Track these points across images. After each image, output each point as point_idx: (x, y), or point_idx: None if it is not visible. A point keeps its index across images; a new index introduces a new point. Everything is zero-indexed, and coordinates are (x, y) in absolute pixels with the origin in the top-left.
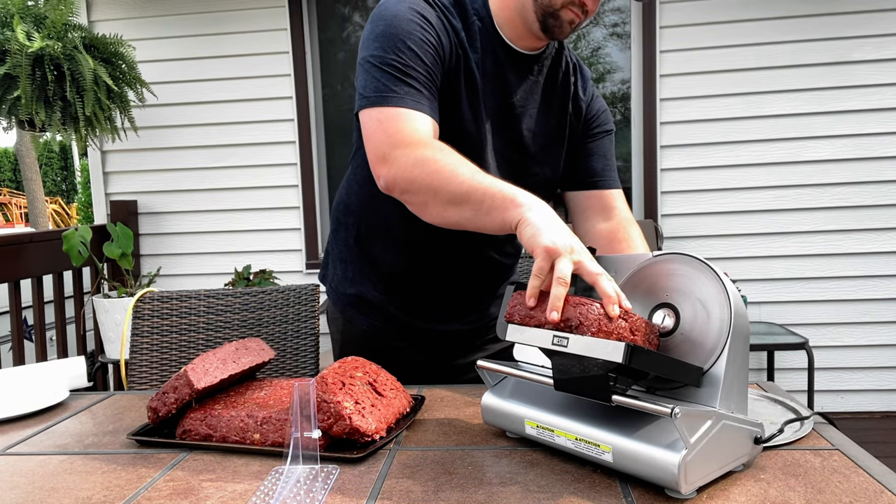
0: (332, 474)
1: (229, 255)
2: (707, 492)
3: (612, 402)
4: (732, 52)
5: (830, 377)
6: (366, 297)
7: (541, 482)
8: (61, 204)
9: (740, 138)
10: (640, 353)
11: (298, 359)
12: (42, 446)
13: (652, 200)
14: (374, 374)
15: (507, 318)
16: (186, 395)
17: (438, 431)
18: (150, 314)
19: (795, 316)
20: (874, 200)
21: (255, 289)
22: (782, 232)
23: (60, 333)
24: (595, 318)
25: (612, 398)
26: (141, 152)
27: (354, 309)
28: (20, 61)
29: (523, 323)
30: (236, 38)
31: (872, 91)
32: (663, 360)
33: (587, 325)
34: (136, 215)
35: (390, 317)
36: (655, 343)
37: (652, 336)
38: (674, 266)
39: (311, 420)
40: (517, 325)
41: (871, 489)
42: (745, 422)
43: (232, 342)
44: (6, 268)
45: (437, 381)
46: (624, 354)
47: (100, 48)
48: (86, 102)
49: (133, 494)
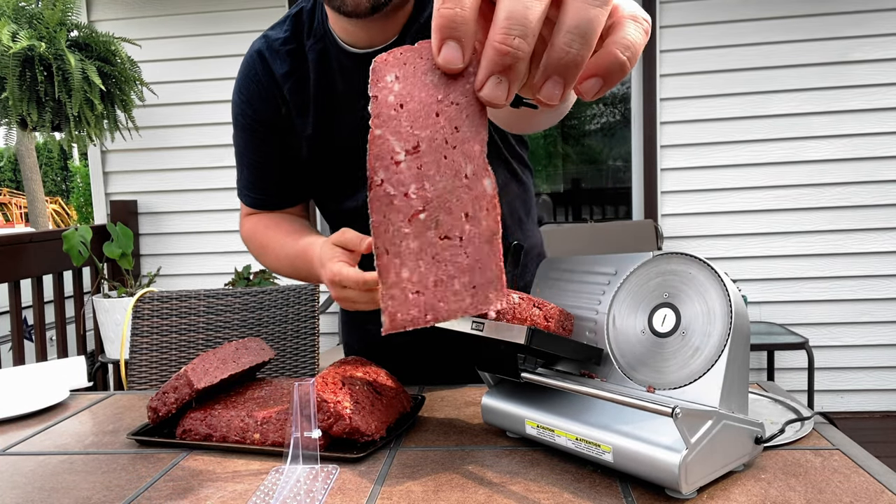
0: (332, 474)
1: (229, 255)
2: (707, 492)
3: (522, 378)
4: (732, 51)
5: (830, 377)
6: None
7: (541, 482)
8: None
9: (740, 138)
10: (541, 336)
11: (298, 359)
12: (42, 446)
13: (652, 200)
14: (374, 374)
15: None
16: (186, 395)
17: (438, 431)
18: (150, 314)
19: (795, 316)
20: (874, 200)
21: (255, 289)
22: (782, 232)
23: (60, 333)
24: (510, 306)
25: (521, 375)
26: (141, 152)
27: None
28: (6, 62)
29: None
30: (236, 38)
31: (872, 91)
32: (562, 342)
33: (503, 312)
34: (136, 215)
35: None
36: (570, 329)
37: (567, 322)
38: (674, 266)
39: (311, 420)
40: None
41: (871, 489)
42: (746, 422)
43: (232, 342)
44: (6, 268)
45: (437, 381)
46: (526, 337)
47: (94, 47)
48: (74, 102)
49: (133, 494)
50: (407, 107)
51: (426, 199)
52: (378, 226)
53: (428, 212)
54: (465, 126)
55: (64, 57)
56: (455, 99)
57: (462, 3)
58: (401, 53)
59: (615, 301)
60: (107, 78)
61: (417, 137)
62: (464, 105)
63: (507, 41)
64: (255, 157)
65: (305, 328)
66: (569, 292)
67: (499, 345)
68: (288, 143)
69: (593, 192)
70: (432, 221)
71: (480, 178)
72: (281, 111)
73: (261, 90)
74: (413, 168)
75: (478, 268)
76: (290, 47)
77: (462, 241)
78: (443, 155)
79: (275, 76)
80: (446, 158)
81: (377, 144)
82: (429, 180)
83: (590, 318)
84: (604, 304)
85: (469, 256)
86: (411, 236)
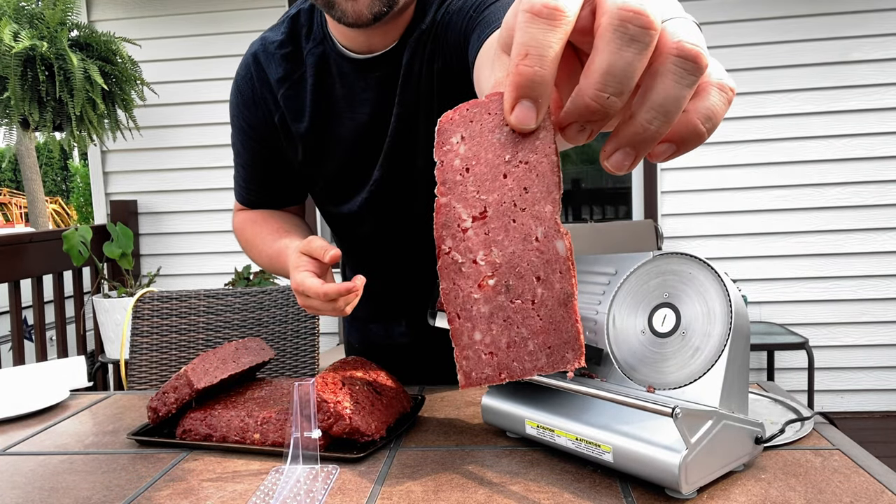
0: (332, 474)
1: (229, 255)
2: (707, 492)
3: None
4: (732, 51)
5: (830, 377)
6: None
7: (541, 482)
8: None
9: (740, 138)
10: None
11: (298, 359)
12: (42, 446)
13: (652, 200)
14: (374, 374)
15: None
16: (186, 395)
17: (438, 431)
18: (150, 314)
19: (795, 316)
20: (874, 200)
21: (255, 289)
22: (782, 232)
23: (60, 333)
24: None
25: None
26: (141, 152)
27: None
28: (8, 62)
29: None
30: (236, 38)
31: (872, 91)
32: None
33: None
34: (136, 215)
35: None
36: None
37: None
38: (674, 266)
39: (311, 420)
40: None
41: (871, 489)
42: (746, 422)
43: (232, 342)
44: (6, 268)
45: (437, 381)
46: None
47: (95, 47)
48: (76, 102)
49: (133, 494)
50: (473, 170)
51: (495, 266)
52: (448, 293)
53: (497, 277)
54: (534, 186)
55: (65, 56)
56: (524, 157)
57: (543, 61)
58: (467, 110)
59: (615, 301)
60: (108, 77)
61: (484, 203)
62: (533, 163)
63: (601, 99)
64: (249, 157)
65: (305, 328)
66: None
67: None
68: (280, 148)
69: (593, 192)
70: (502, 287)
71: (552, 240)
72: (274, 117)
73: (254, 95)
74: (481, 234)
75: (552, 329)
76: (287, 51)
77: (535, 304)
78: (511, 219)
79: (269, 81)
80: (515, 222)
81: (443, 213)
82: (497, 245)
83: (590, 318)
84: (604, 304)
85: (543, 319)
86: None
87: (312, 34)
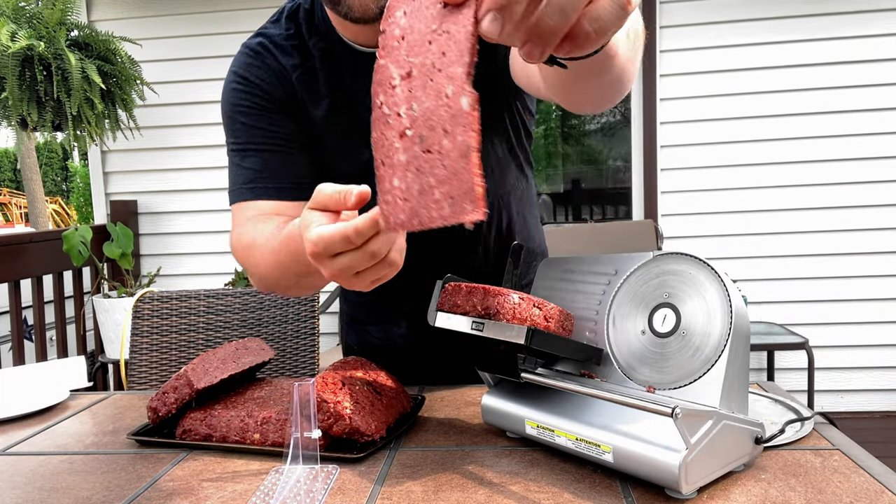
0: (332, 474)
1: (229, 255)
2: (707, 492)
3: (522, 378)
4: (732, 51)
5: (830, 377)
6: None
7: (541, 482)
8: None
9: (740, 138)
10: (540, 336)
11: (298, 359)
12: (42, 446)
13: (652, 200)
14: (375, 374)
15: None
16: (186, 395)
17: (438, 431)
18: (150, 314)
19: (795, 316)
20: (874, 200)
21: (255, 289)
22: (782, 232)
23: (60, 333)
24: (511, 307)
25: (521, 375)
26: (141, 152)
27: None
28: (6, 62)
29: (451, 311)
30: (236, 38)
31: (872, 91)
32: (562, 342)
33: (503, 313)
34: (136, 215)
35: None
36: (570, 329)
37: (567, 323)
38: (674, 266)
39: (311, 420)
40: (445, 313)
41: (871, 489)
42: (746, 422)
43: (232, 342)
44: (6, 268)
45: (437, 381)
46: (525, 336)
47: (94, 46)
48: (73, 101)
49: (133, 494)
50: (407, 38)
51: (413, 118)
52: (377, 141)
53: (415, 129)
54: (451, 51)
55: (63, 56)
56: (447, 28)
57: None
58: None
59: (615, 301)
60: (107, 77)
61: (411, 64)
62: (453, 32)
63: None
64: (266, 141)
65: (305, 328)
66: (569, 292)
67: (499, 345)
68: (301, 127)
69: (593, 192)
70: (417, 137)
71: (459, 97)
72: (296, 94)
73: (272, 73)
74: (405, 91)
75: (454, 179)
76: (294, 43)
77: (440, 154)
78: (429, 78)
79: (283, 65)
80: (432, 81)
81: (380, 72)
82: (417, 100)
83: (590, 318)
84: (604, 304)
85: (447, 169)
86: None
87: (315, 28)
